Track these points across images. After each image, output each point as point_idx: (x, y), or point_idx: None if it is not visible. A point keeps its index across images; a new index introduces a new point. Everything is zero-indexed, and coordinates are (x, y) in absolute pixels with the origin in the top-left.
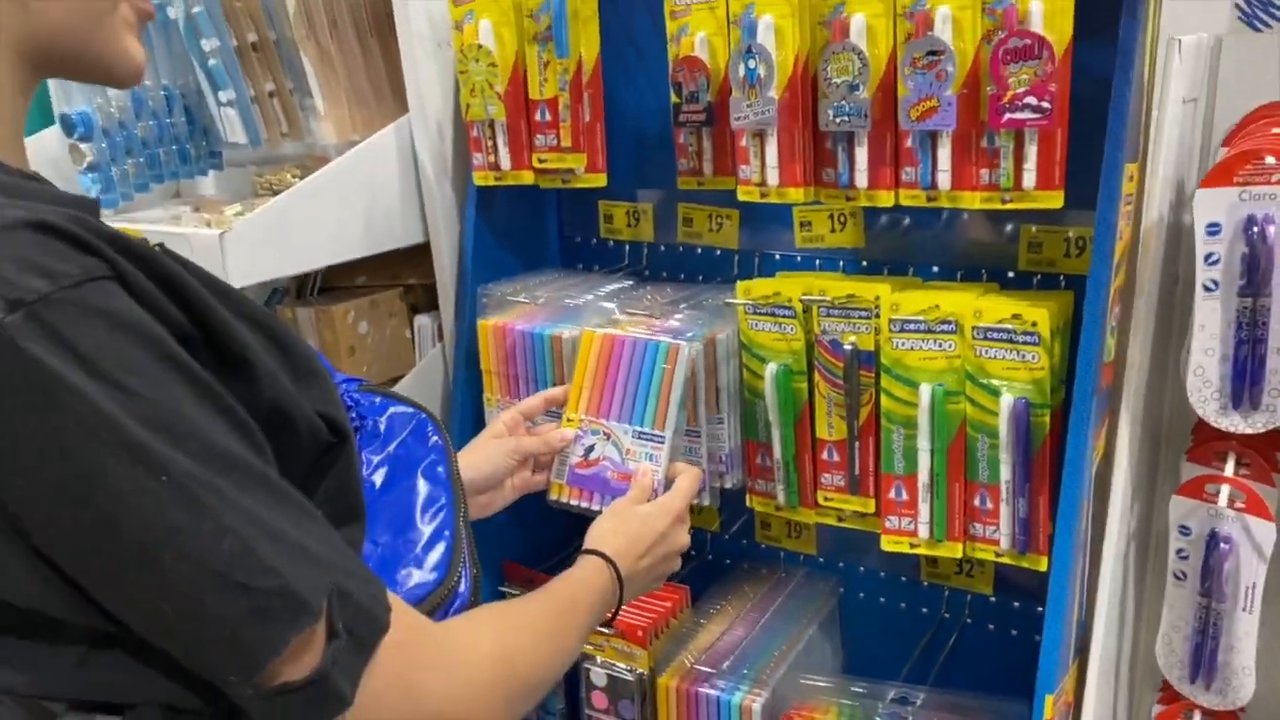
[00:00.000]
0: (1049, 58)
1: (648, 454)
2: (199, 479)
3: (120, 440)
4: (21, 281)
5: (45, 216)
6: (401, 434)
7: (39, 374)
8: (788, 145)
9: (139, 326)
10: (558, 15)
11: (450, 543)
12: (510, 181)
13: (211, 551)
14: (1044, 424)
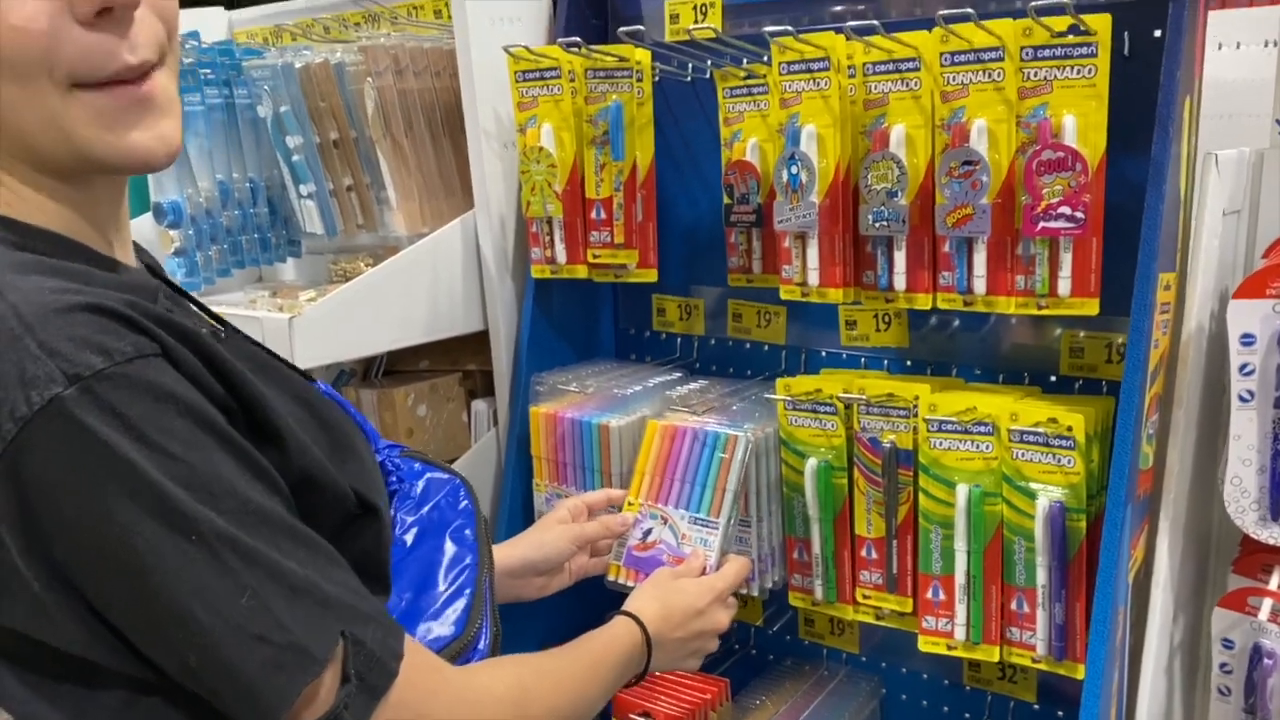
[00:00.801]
0: (1082, 170)
1: (702, 539)
2: (226, 537)
3: (158, 501)
4: (78, 358)
5: (101, 300)
6: (435, 498)
7: (90, 441)
8: (828, 248)
9: (182, 398)
10: (614, 122)
11: (470, 601)
12: (565, 275)
13: (231, 607)
14: (1080, 529)
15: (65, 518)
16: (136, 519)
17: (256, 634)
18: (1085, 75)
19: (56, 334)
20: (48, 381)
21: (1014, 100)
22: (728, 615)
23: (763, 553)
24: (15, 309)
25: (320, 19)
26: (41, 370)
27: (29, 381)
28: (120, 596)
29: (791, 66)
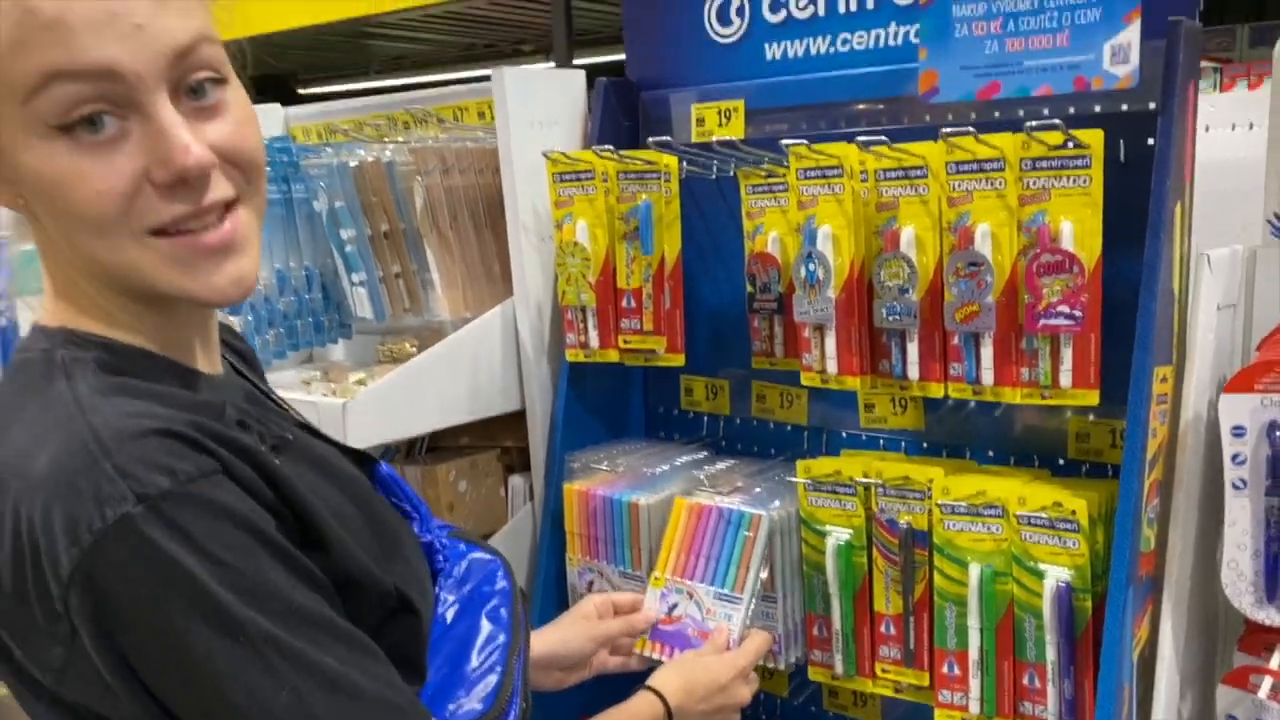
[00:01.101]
0: (1079, 272)
1: (726, 614)
2: (271, 638)
3: (212, 608)
4: (147, 479)
5: (170, 425)
6: (476, 578)
7: (154, 553)
8: (845, 338)
9: (236, 511)
10: (644, 219)
11: (500, 678)
12: (598, 359)
13: (273, 702)
14: (1086, 608)
15: (131, 620)
16: (193, 624)
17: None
18: (1080, 185)
19: (129, 457)
20: (120, 500)
21: (1015, 207)
22: (749, 690)
23: (786, 628)
24: (96, 433)
25: (371, 118)
26: (115, 490)
27: (104, 499)
28: (176, 688)
29: (808, 172)
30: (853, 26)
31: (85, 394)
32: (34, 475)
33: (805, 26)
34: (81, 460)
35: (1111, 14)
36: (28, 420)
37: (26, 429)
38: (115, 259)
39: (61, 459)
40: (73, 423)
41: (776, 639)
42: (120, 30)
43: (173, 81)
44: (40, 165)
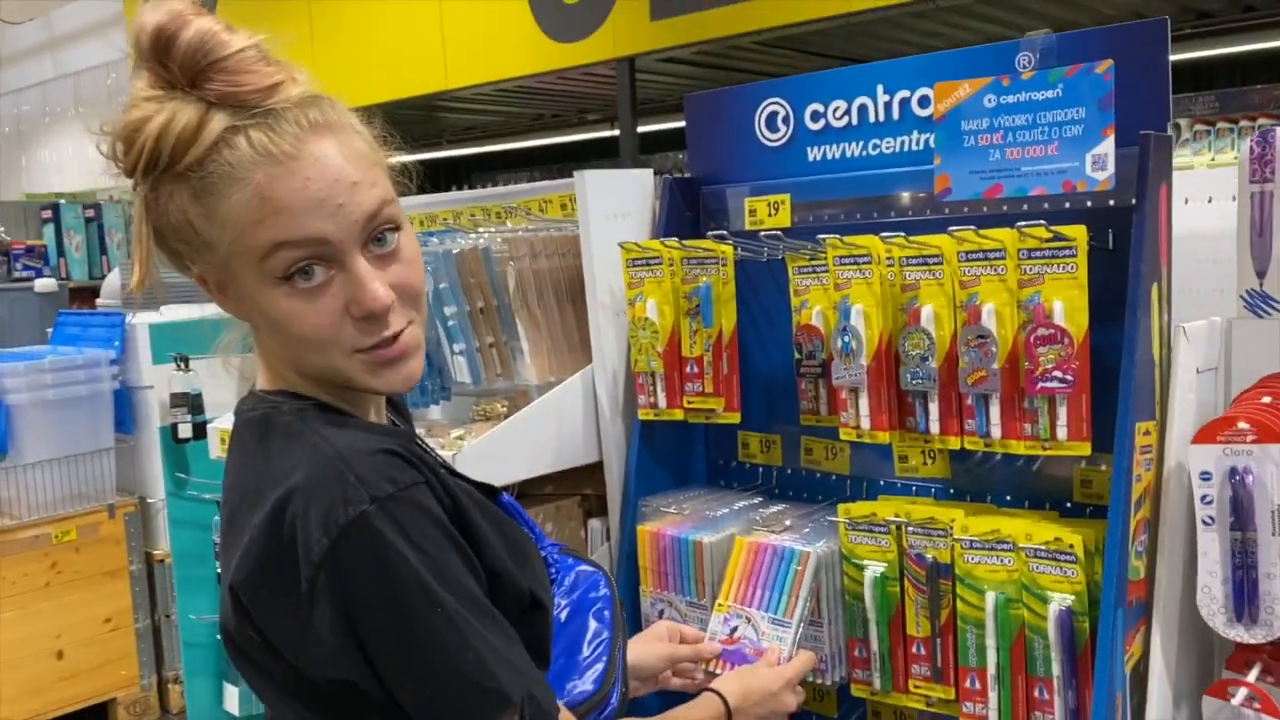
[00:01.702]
0: (1069, 343)
1: (778, 636)
2: (459, 614)
3: (421, 585)
4: (378, 485)
5: (390, 446)
6: (583, 585)
7: (382, 542)
8: (876, 399)
9: (435, 514)
10: (705, 298)
11: (605, 667)
12: (665, 417)
13: (461, 660)
14: (1085, 628)
15: (363, 592)
16: (407, 597)
17: (474, 680)
18: (1069, 270)
19: (365, 469)
20: (360, 500)
21: (1015, 289)
22: (796, 699)
23: (831, 650)
24: (339, 453)
25: (468, 210)
26: (356, 493)
27: (349, 500)
28: (388, 647)
29: (842, 259)
30: (881, 134)
31: (320, 429)
32: (292, 486)
33: (841, 133)
34: (331, 472)
35: (1091, 129)
36: (276, 451)
37: (279, 458)
38: (324, 366)
39: (315, 473)
40: (318, 448)
41: (823, 659)
42: (327, 210)
43: (364, 238)
44: (268, 305)
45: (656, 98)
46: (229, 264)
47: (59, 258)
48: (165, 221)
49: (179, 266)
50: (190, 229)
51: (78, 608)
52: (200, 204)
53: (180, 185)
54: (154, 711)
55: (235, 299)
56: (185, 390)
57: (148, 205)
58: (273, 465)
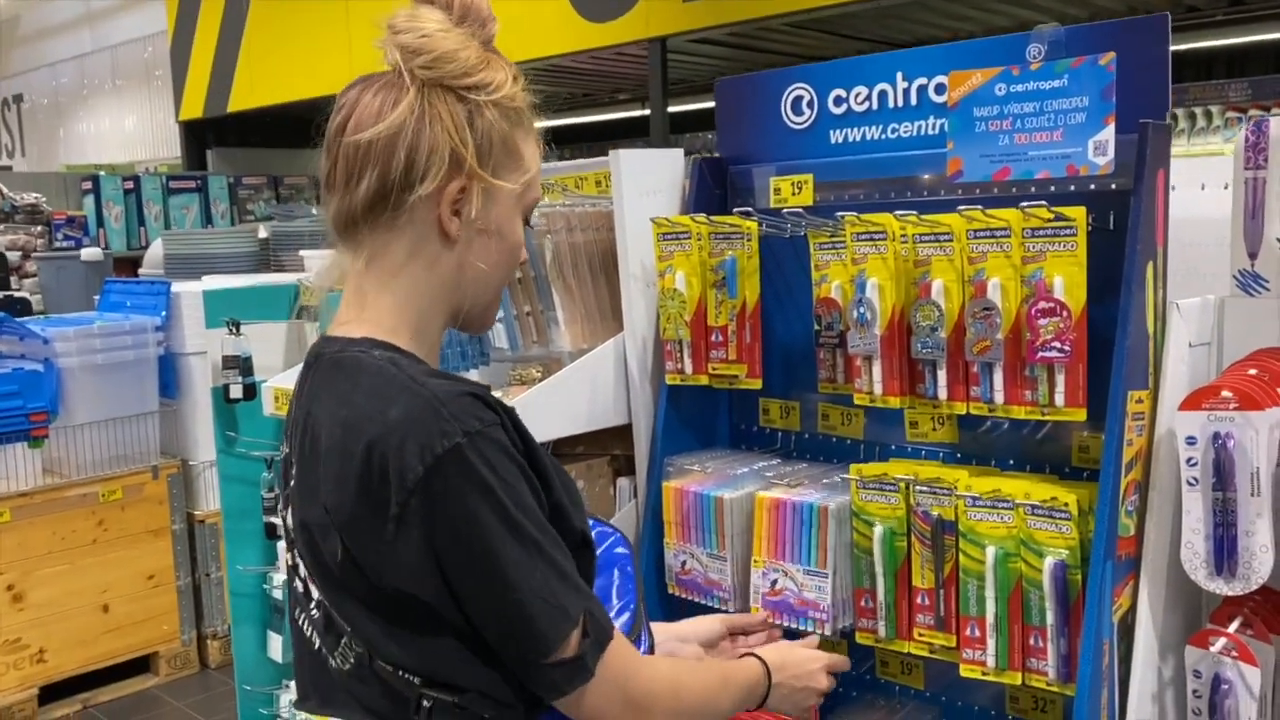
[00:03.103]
0: (1067, 316)
1: (817, 586)
2: (533, 538)
3: (502, 510)
4: (468, 422)
5: (473, 390)
6: (606, 542)
7: (472, 471)
8: (888, 367)
9: (511, 451)
10: (730, 270)
11: (633, 615)
12: (691, 382)
13: (532, 578)
14: (1078, 581)
15: (452, 515)
16: (490, 519)
17: (543, 596)
18: (1069, 249)
19: (456, 408)
20: (454, 434)
21: (1019, 265)
22: (828, 681)
23: (837, 599)
24: (434, 394)
25: None
26: (451, 428)
27: (444, 433)
28: (467, 566)
29: (859, 236)
30: (900, 118)
31: (412, 372)
32: (390, 420)
33: (862, 117)
34: (428, 410)
35: (1094, 117)
36: (368, 389)
37: (372, 395)
38: (483, 296)
39: (413, 409)
40: (413, 387)
41: (828, 608)
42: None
43: None
44: (516, 231)
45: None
46: (512, 190)
47: (98, 228)
48: (484, 134)
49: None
50: (508, 146)
51: (123, 564)
52: (517, 130)
53: (496, 109)
54: (194, 665)
55: (476, 217)
56: (236, 353)
57: (471, 123)
58: (370, 402)
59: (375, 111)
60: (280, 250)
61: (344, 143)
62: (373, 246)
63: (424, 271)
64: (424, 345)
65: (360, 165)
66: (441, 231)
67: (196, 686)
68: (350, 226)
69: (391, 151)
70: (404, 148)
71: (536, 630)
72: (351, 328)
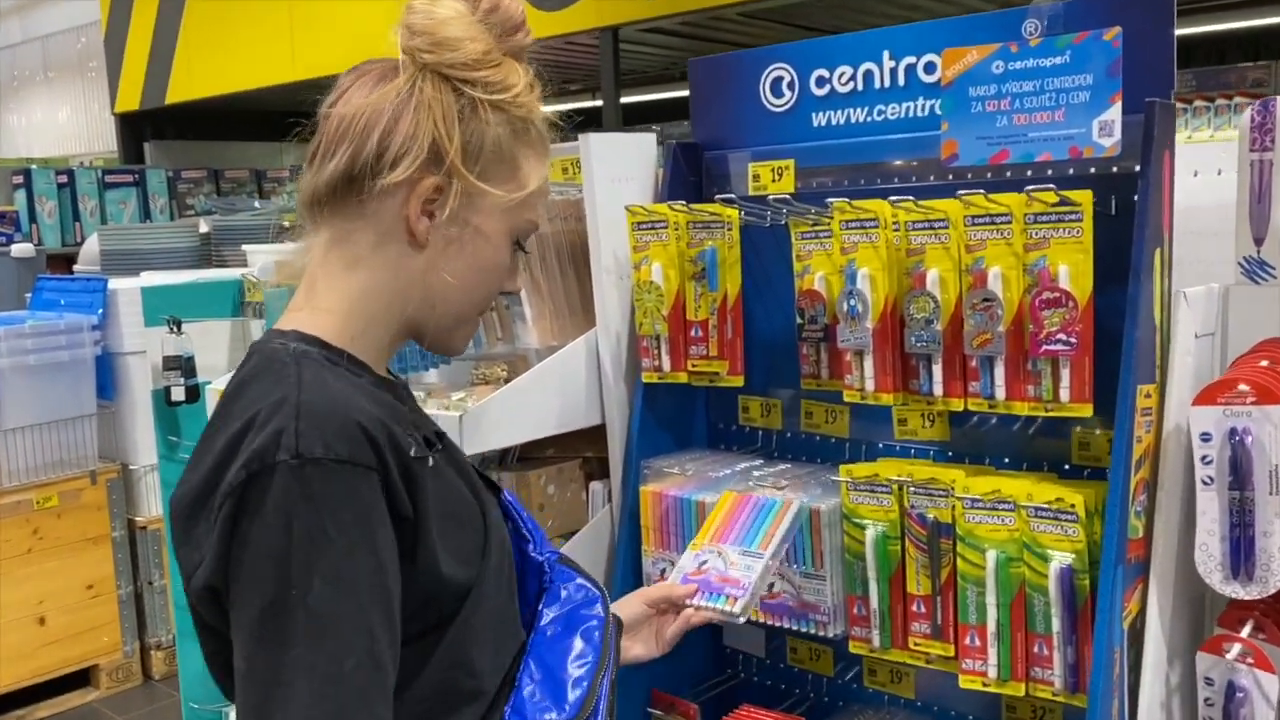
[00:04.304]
0: (1074, 306)
1: (746, 565)
2: (307, 609)
3: (286, 560)
4: (312, 445)
5: (358, 414)
6: (577, 602)
7: (278, 500)
8: (880, 362)
9: (362, 503)
10: (710, 261)
11: (585, 691)
12: (669, 380)
13: (280, 653)
14: (1085, 586)
15: (243, 535)
16: (268, 563)
17: (274, 680)
18: (1074, 235)
19: (310, 424)
20: (285, 450)
21: (1021, 253)
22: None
23: (830, 605)
24: (302, 401)
25: None
26: (287, 442)
27: (278, 446)
28: (238, 601)
29: (849, 224)
30: (886, 99)
31: (307, 373)
32: (246, 420)
33: (846, 99)
34: (285, 416)
35: (1099, 96)
36: (262, 387)
37: (259, 391)
38: (457, 314)
39: (268, 413)
40: (288, 392)
41: (824, 612)
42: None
43: None
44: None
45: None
46: (499, 200)
47: (30, 224)
48: (479, 145)
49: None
50: (503, 155)
51: (60, 574)
52: (520, 143)
53: (497, 112)
54: (136, 677)
55: (451, 223)
56: (178, 353)
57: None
58: (245, 399)
59: (366, 88)
60: (222, 245)
61: (328, 115)
62: (333, 232)
63: (383, 271)
64: (368, 349)
65: (335, 140)
66: (409, 231)
67: (140, 699)
68: (315, 206)
69: (369, 131)
70: (381, 128)
71: (251, 709)
72: (292, 317)
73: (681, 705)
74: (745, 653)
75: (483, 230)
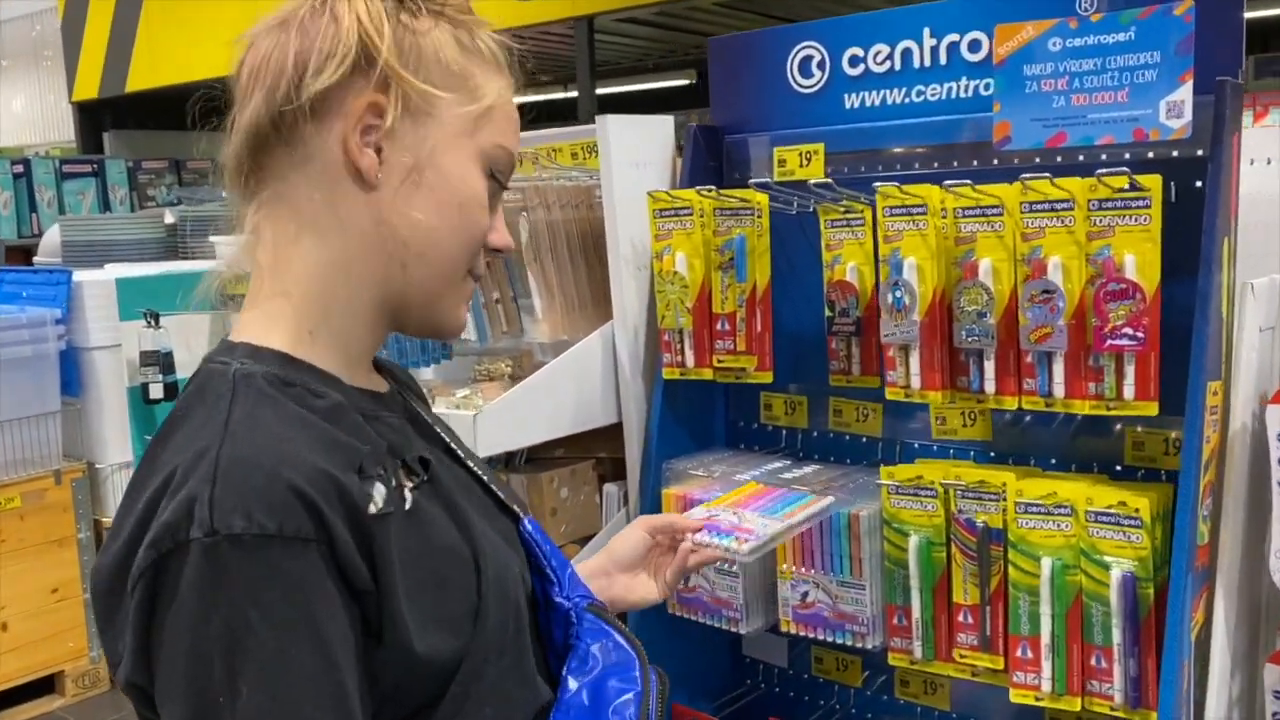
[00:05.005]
0: (1141, 298)
1: (763, 524)
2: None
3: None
4: (227, 518)
5: (291, 473)
6: (608, 667)
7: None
8: (928, 358)
9: (291, 581)
10: (739, 250)
11: None
12: (692, 376)
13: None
14: (1149, 595)
15: (158, 623)
16: (188, 659)
17: None
18: (1142, 223)
19: (229, 491)
20: (198, 525)
21: (1083, 241)
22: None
23: (863, 617)
24: (229, 460)
25: None
26: (201, 515)
27: (190, 519)
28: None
29: (893, 210)
30: (926, 80)
31: (235, 414)
32: (165, 476)
33: (882, 79)
34: (196, 480)
35: (1167, 75)
36: (190, 428)
37: (186, 435)
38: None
39: (185, 471)
40: (210, 441)
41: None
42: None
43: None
44: (467, 178)
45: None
46: (455, 111)
47: None
48: (416, 50)
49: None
50: (447, 62)
51: (23, 578)
52: (463, 51)
53: (434, 16)
54: (103, 683)
55: (400, 147)
56: (156, 348)
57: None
58: (172, 443)
59: (272, 26)
60: (189, 237)
61: (238, 73)
62: (269, 201)
63: (334, 233)
64: (335, 346)
65: (248, 89)
66: (353, 169)
67: (107, 706)
68: (236, 176)
69: (282, 59)
70: (294, 46)
71: None
72: (246, 319)
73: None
74: (766, 663)
75: (443, 156)
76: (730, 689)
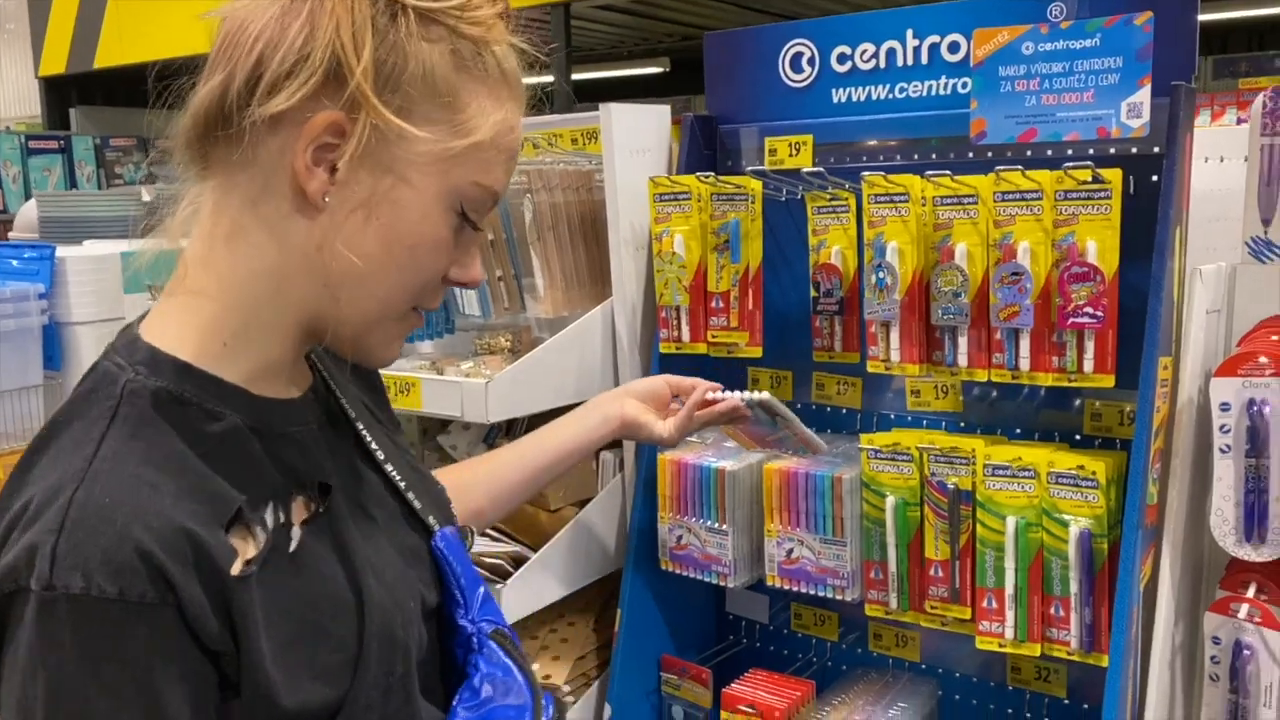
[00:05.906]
0: (1101, 280)
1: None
2: None
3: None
4: (67, 575)
5: (142, 540)
6: (499, 700)
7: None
8: (907, 334)
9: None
10: (734, 233)
11: None
12: (687, 350)
13: None
14: (1103, 550)
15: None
16: (14, 699)
17: None
18: (1103, 212)
19: (74, 544)
20: (37, 577)
21: (1050, 228)
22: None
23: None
24: (69, 506)
25: None
26: (42, 567)
27: (28, 567)
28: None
29: (878, 198)
30: (909, 77)
31: (104, 448)
32: (25, 501)
33: (868, 76)
34: (44, 524)
35: (1128, 78)
36: (60, 448)
37: (51, 461)
38: (365, 309)
39: (38, 506)
40: (67, 478)
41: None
42: (510, 175)
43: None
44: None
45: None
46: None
47: None
48: (399, 71)
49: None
50: (436, 85)
51: None
52: (465, 75)
53: (432, 25)
54: None
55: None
56: None
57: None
58: (44, 458)
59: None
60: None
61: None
62: (216, 188)
63: (269, 245)
64: (249, 359)
65: (215, 62)
66: (297, 189)
67: None
68: (183, 150)
69: (254, 45)
70: (261, 40)
71: None
72: (160, 309)
73: (694, 670)
74: (749, 619)
75: (404, 190)
76: (714, 643)
